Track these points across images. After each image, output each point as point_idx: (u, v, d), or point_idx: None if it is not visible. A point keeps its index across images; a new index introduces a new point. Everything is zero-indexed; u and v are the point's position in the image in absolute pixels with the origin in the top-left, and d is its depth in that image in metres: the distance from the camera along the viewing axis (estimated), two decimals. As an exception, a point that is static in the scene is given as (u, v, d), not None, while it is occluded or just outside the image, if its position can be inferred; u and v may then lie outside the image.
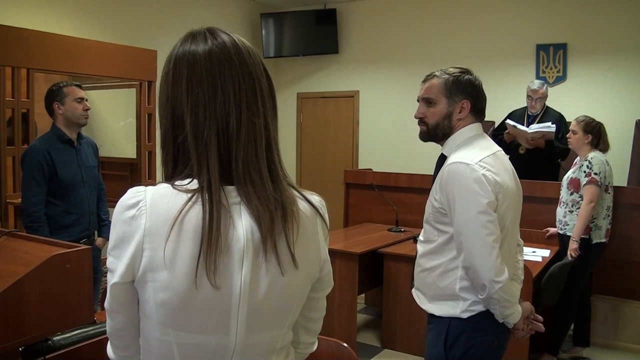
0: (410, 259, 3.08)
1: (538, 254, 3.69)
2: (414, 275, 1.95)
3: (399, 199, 4.74)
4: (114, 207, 0.92)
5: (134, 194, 0.91)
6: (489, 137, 1.96)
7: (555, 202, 3.75)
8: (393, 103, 6.41)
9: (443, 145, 1.92)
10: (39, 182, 2.93)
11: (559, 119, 4.39)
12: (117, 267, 0.90)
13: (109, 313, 0.95)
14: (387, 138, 6.49)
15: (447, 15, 6.05)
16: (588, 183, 3.47)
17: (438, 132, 1.89)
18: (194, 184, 0.91)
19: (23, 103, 3.38)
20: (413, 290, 1.97)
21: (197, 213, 0.88)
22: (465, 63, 2.14)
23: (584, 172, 3.50)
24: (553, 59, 5.52)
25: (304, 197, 1.00)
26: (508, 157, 1.93)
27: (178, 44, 0.97)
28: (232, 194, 0.92)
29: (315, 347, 1.15)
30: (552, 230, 3.84)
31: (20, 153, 3.17)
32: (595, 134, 3.58)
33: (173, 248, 0.87)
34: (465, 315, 1.78)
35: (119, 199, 0.92)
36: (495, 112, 4.40)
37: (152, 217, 0.88)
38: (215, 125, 0.91)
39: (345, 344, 1.54)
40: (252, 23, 6.77)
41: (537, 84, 4.42)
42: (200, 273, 0.87)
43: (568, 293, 3.52)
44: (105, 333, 1.06)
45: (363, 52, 6.61)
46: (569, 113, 4.48)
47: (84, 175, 3.13)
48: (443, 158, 1.90)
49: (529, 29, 5.61)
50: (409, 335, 3.83)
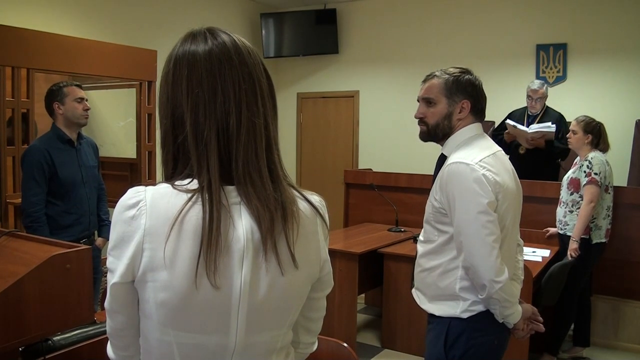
0: (410, 259, 3.08)
1: (538, 254, 3.68)
2: (414, 275, 1.95)
3: (399, 199, 4.74)
4: (114, 207, 0.92)
5: (134, 194, 0.91)
6: (489, 137, 1.96)
7: (555, 202, 3.75)
8: (393, 103, 6.41)
9: (443, 145, 1.92)
10: (39, 182, 2.93)
11: (559, 119, 4.39)
12: (117, 267, 0.90)
13: (109, 313, 0.95)
14: (387, 138, 6.49)
15: (447, 15, 6.05)
16: (588, 183, 3.47)
17: (438, 132, 1.89)
18: (194, 184, 0.91)
19: (23, 103, 3.38)
20: (413, 290, 1.97)
21: (197, 213, 0.88)
22: (465, 63, 2.14)
23: (584, 172, 3.50)
24: (553, 59, 5.52)
25: (304, 197, 1.00)
26: (508, 157, 1.94)
27: (178, 44, 0.97)
28: (232, 194, 0.92)
29: (315, 347, 1.15)
30: (552, 230, 3.84)
31: (20, 153, 3.16)
32: (595, 134, 3.57)
33: (173, 248, 0.87)
34: (466, 315, 1.78)
35: (119, 199, 0.92)
36: (495, 112, 4.40)
37: (152, 217, 0.88)
38: (215, 125, 0.91)
39: (345, 344, 1.54)
40: (252, 23, 6.77)
41: (537, 84, 4.42)
42: (200, 273, 0.87)
43: (568, 293, 3.52)
44: (105, 333, 1.06)
45: (363, 52, 6.61)
46: (569, 113, 4.48)
47: (84, 175, 3.13)
48: (443, 158, 1.90)
49: (529, 29, 5.61)
50: (409, 335, 3.83)
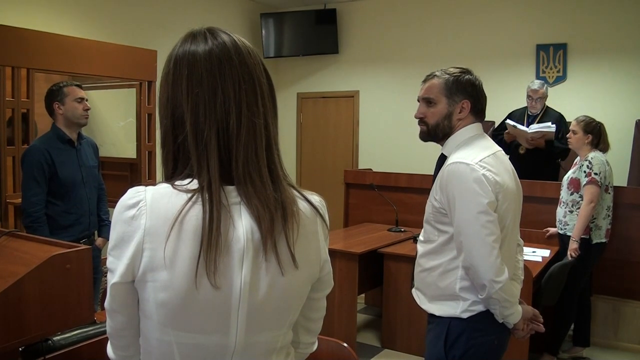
0: (410, 259, 3.08)
1: (538, 254, 3.68)
2: (414, 275, 1.95)
3: (399, 199, 4.74)
4: (114, 207, 0.92)
5: (134, 194, 0.91)
6: (489, 137, 1.96)
7: (555, 202, 3.75)
8: (393, 103, 6.41)
9: (443, 145, 1.92)
10: (39, 182, 2.93)
11: (559, 119, 4.40)
12: (117, 267, 0.90)
13: (109, 313, 0.95)
14: (387, 138, 6.49)
15: (447, 15, 6.05)
16: (588, 183, 3.47)
17: (438, 132, 1.89)
18: (194, 184, 0.91)
19: (23, 103, 3.38)
20: (413, 290, 1.97)
21: (197, 213, 0.88)
22: (465, 63, 2.14)
23: (584, 172, 3.50)
24: (553, 59, 5.52)
25: (304, 197, 1.00)
26: (508, 157, 1.94)
27: (178, 44, 0.97)
28: (232, 194, 0.92)
29: (315, 347, 1.15)
30: (552, 230, 3.84)
31: (20, 153, 3.16)
32: (596, 134, 3.57)
33: (173, 248, 0.87)
34: (466, 315, 1.78)
35: (119, 199, 0.92)
36: (495, 112, 4.40)
37: (152, 217, 0.88)
38: (215, 125, 0.91)
39: (345, 344, 1.54)
40: (252, 23, 6.77)
41: (537, 84, 4.42)
42: (200, 273, 0.87)
43: (568, 293, 3.52)
44: (105, 333, 1.06)
45: (363, 52, 6.61)
46: (569, 113, 4.48)
47: (84, 175, 3.13)
48: (443, 158, 1.90)
49: (529, 29, 5.61)
50: (409, 335, 3.83)
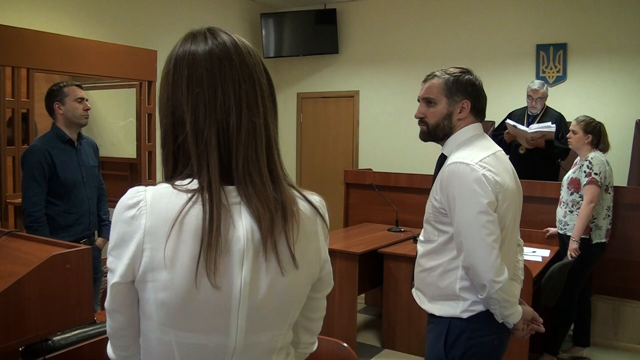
0: (410, 259, 3.08)
1: (538, 254, 3.68)
2: (414, 275, 1.95)
3: (399, 199, 4.74)
4: (114, 207, 0.92)
5: (134, 194, 0.91)
6: (489, 137, 1.96)
7: (555, 202, 3.75)
8: (393, 103, 6.41)
9: (443, 145, 1.92)
10: (39, 182, 2.93)
11: (559, 119, 4.40)
12: (117, 267, 0.90)
13: (109, 313, 0.95)
14: (387, 138, 6.49)
15: (447, 15, 6.05)
16: (588, 183, 3.47)
17: (438, 132, 1.89)
18: (194, 184, 0.91)
19: (23, 103, 3.38)
20: (413, 290, 1.97)
21: (197, 213, 0.88)
22: (466, 63, 2.14)
23: (584, 172, 3.50)
24: (553, 59, 5.52)
25: (304, 197, 1.00)
26: (508, 157, 1.94)
27: (178, 44, 0.97)
28: (232, 194, 0.92)
29: (316, 347, 1.15)
30: (552, 230, 3.84)
31: (20, 153, 3.16)
32: (596, 134, 3.57)
33: (173, 248, 0.87)
34: (466, 315, 1.78)
35: (119, 199, 0.92)
36: (496, 112, 4.41)
37: (152, 217, 0.88)
38: (216, 125, 0.91)
39: (345, 344, 1.54)
40: (252, 23, 6.77)
41: (537, 84, 4.42)
42: (201, 273, 0.87)
43: (568, 293, 3.52)
44: (105, 333, 1.06)
45: (363, 52, 6.61)
46: (569, 113, 4.49)
47: (84, 175, 3.13)
48: (443, 158, 1.90)
49: (529, 29, 5.61)
50: (409, 335, 3.82)
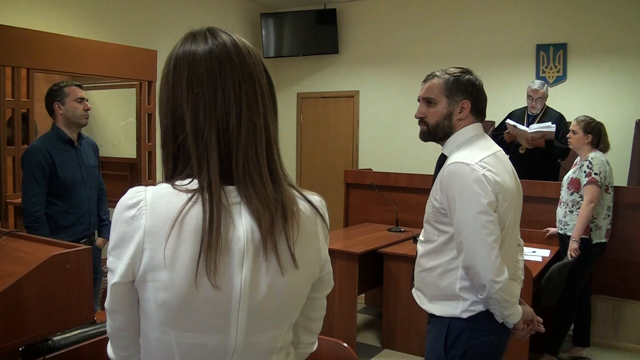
0: (410, 259, 3.08)
1: (538, 254, 3.68)
2: (414, 275, 1.95)
3: (399, 199, 4.74)
4: (114, 207, 0.92)
5: (134, 194, 0.91)
6: (489, 137, 1.96)
7: (555, 202, 3.75)
8: (393, 103, 6.41)
9: (443, 145, 1.92)
10: (39, 182, 2.93)
11: (559, 119, 4.40)
12: (117, 266, 0.90)
13: (109, 313, 0.95)
14: (387, 138, 6.49)
15: (447, 15, 6.05)
16: (588, 183, 3.47)
17: (438, 132, 1.89)
18: (194, 184, 0.91)
19: (23, 103, 3.38)
20: (413, 290, 1.97)
21: (197, 213, 0.88)
22: (466, 63, 2.14)
23: (584, 172, 3.50)
24: (553, 59, 5.52)
25: (304, 197, 1.00)
26: (508, 157, 1.94)
27: (178, 44, 0.97)
28: (232, 194, 0.92)
29: (316, 347, 1.15)
30: (552, 230, 3.84)
31: (20, 153, 3.16)
32: (596, 134, 3.57)
33: (173, 248, 0.87)
34: (466, 315, 1.78)
35: (119, 199, 0.92)
36: (496, 112, 4.40)
37: (152, 217, 0.88)
38: (216, 125, 0.91)
39: (345, 344, 1.54)
40: (252, 23, 6.77)
41: (537, 84, 4.42)
42: (201, 273, 0.87)
43: (568, 293, 3.52)
44: (105, 333, 1.06)
45: (363, 52, 6.61)
46: (569, 113, 4.49)
47: (85, 175, 3.13)
48: (443, 158, 1.90)
49: (529, 29, 5.61)
50: (409, 335, 3.82)
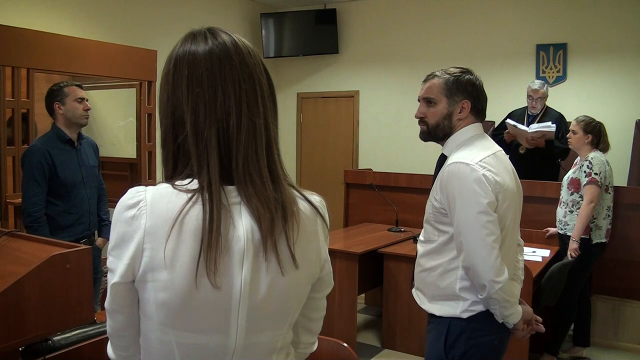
0: (410, 259, 3.08)
1: (538, 254, 3.68)
2: (414, 275, 1.95)
3: (399, 199, 4.74)
4: (114, 207, 0.92)
5: (134, 194, 0.91)
6: (489, 137, 1.96)
7: (555, 202, 3.75)
8: (393, 103, 6.41)
9: (443, 145, 1.92)
10: (39, 182, 2.93)
11: (559, 119, 4.39)
12: (117, 266, 0.90)
13: (109, 313, 0.95)
14: (387, 138, 6.49)
15: (447, 15, 6.04)
16: (588, 183, 3.47)
17: (438, 132, 1.89)
18: (194, 184, 0.91)
19: (23, 103, 3.38)
20: (413, 290, 1.97)
21: (197, 213, 0.88)
22: (466, 63, 2.14)
23: (585, 172, 3.50)
24: (553, 59, 5.52)
25: (304, 197, 1.00)
26: (508, 157, 1.94)
27: (178, 44, 0.97)
28: (232, 194, 0.92)
29: (316, 347, 1.15)
30: (552, 230, 3.84)
31: (20, 153, 3.16)
32: (596, 134, 3.57)
33: (173, 248, 0.87)
34: (466, 315, 1.78)
35: (119, 199, 0.92)
36: (496, 112, 4.40)
37: (152, 217, 0.88)
38: (216, 125, 0.91)
39: (345, 344, 1.54)
40: (252, 23, 6.77)
41: (537, 84, 4.42)
42: (201, 273, 0.87)
43: (568, 293, 3.52)
44: (105, 333, 1.06)
45: (363, 52, 6.61)
46: (569, 113, 4.48)
47: (85, 175, 3.13)
48: (443, 158, 1.90)
49: (529, 29, 5.61)
50: (409, 335, 3.82)
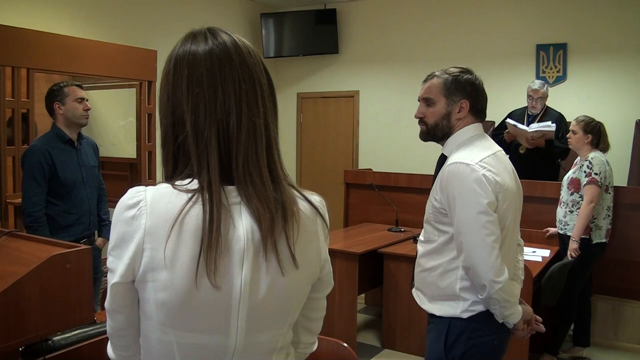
0: (410, 259, 3.08)
1: (538, 254, 3.68)
2: (415, 275, 1.95)
3: (399, 199, 4.74)
4: (114, 207, 0.92)
5: (134, 194, 0.91)
6: (489, 137, 1.96)
7: (555, 202, 3.75)
8: (393, 103, 6.41)
9: (443, 146, 1.92)
10: (39, 182, 2.93)
11: (559, 119, 4.40)
12: (117, 266, 0.90)
13: (109, 313, 0.95)
14: (387, 138, 6.49)
15: (447, 15, 6.04)
16: (588, 183, 3.47)
17: (437, 131, 1.89)
18: (194, 184, 0.91)
19: (23, 103, 3.38)
20: (413, 290, 1.97)
21: (197, 213, 0.88)
22: (466, 63, 2.14)
23: (585, 172, 3.50)
24: (553, 59, 5.52)
25: (304, 197, 1.00)
26: (508, 157, 1.94)
27: (179, 44, 0.97)
28: (232, 194, 0.92)
29: (316, 347, 1.15)
30: (552, 230, 3.84)
31: (20, 153, 3.16)
32: (596, 134, 3.57)
33: (173, 248, 0.87)
34: (466, 315, 1.78)
35: (119, 199, 0.92)
36: (496, 112, 4.40)
37: (152, 217, 0.88)
38: (216, 125, 0.91)
39: (345, 344, 1.54)
40: (252, 23, 6.77)
41: (537, 84, 4.42)
42: (201, 273, 0.87)
43: (568, 293, 3.52)
44: (105, 333, 1.06)
45: (363, 52, 6.61)
46: (569, 113, 4.48)
47: (85, 175, 3.13)
48: (443, 158, 1.91)
49: (529, 29, 5.61)
50: (409, 335, 3.82)
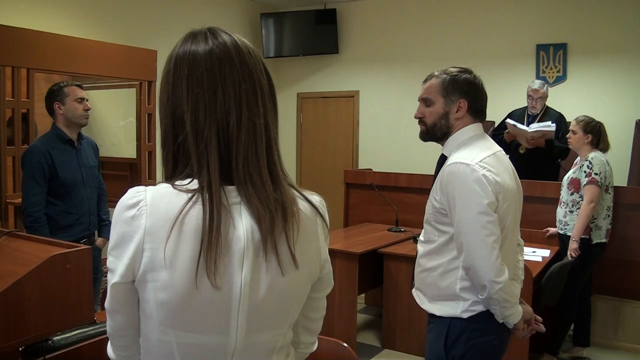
0: (410, 259, 3.08)
1: (538, 254, 3.68)
2: (415, 275, 1.95)
3: (399, 199, 4.74)
4: (114, 207, 0.92)
5: (134, 194, 0.91)
6: (489, 137, 1.96)
7: (555, 202, 3.75)
8: (393, 103, 6.41)
9: (443, 146, 1.92)
10: (39, 182, 2.93)
11: (559, 119, 4.40)
12: (117, 266, 0.90)
13: (109, 313, 0.95)
14: (387, 138, 6.49)
15: (447, 16, 6.05)
16: (588, 183, 3.47)
17: (436, 131, 1.90)
18: (194, 184, 0.91)
19: (23, 103, 3.38)
20: (413, 290, 1.98)
21: (197, 213, 0.88)
22: (465, 63, 2.14)
23: (585, 172, 3.50)
24: (553, 59, 5.52)
25: (304, 197, 1.00)
26: (508, 157, 1.94)
27: (179, 44, 0.97)
28: (232, 194, 0.92)
29: (316, 347, 1.15)
30: (552, 230, 3.84)
31: (20, 153, 3.16)
32: (595, 134, 3.57)
33: (173, 248, 0.87)
34: (466, 315, 1.78)
35: (119, 199, 0.92)
36: (496, 112, 4.40)
37: (152, 217, 0.88)
38: (216, 125, 0.91)
39: (345, 344, 1.54)
40: (252, 23, 6.77)
41: (537, 84, 4.42)
42: (201, 273, 0.87)
43: (568, 293, 3.52)
44: (105, 333, 1.06)
45: (363, 52, 6.61)
46: (569, 113, 4.48)
47: (85, 175, 3.13)
48: (443, 158, 1.91)
49: (529, 29, 5.61)
50: (409, 335, 3.82)
